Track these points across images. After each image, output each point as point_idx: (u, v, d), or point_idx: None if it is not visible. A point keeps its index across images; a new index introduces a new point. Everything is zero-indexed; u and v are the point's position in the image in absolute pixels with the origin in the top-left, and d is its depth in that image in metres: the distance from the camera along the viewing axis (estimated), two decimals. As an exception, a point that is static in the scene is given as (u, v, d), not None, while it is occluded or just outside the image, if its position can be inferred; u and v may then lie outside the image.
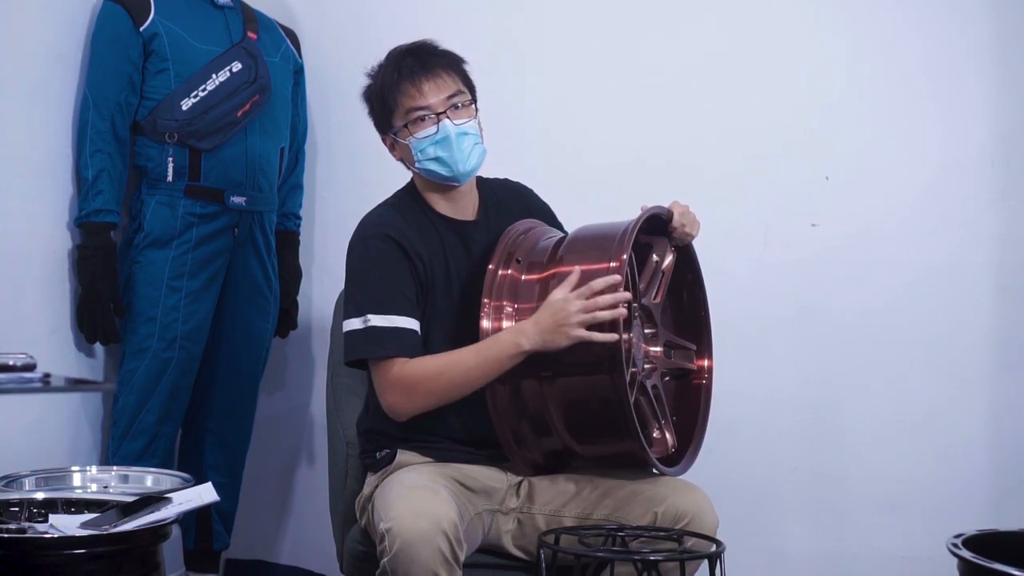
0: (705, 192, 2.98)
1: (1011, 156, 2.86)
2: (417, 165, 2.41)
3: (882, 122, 2.94)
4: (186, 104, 2.96)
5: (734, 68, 3.03)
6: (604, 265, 2.22)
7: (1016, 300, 2.85)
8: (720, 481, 2.44)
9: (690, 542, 2.20)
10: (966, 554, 1.99)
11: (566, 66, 3.15)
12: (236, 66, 3.03)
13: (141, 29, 2.94)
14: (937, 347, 2.89)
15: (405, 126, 2.39)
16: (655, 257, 2.43)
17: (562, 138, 3.14)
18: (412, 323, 2.33)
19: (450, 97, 2.39)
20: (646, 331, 2.46)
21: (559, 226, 2.57)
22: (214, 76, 2.99)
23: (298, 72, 3.29)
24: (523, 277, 2.34)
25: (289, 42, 3.25)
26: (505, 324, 2.31)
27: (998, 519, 2.71)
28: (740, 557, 2.64)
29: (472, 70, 2.46)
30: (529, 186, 2.63)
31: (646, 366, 2.44)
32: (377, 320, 2.31)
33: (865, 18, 2.95)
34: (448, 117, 2.37)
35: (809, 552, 2.99)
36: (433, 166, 2.39)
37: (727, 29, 3.04)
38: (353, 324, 2.33)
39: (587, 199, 2.80)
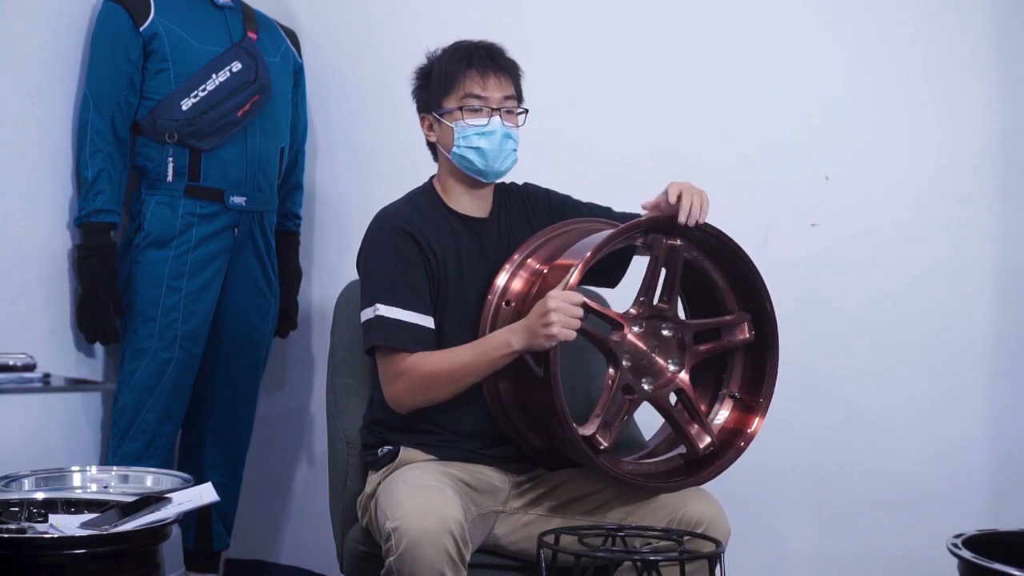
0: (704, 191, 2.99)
1: (1011, 156, 2.86)
2: (455, 149, 2.42)
3: (882, 122, 2.94)
4: (186, 104, 2.96)
5: (734, 68, 3.03)
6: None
7: (1016, 300, 2.85)
8: (720, 481, 2.43)
9: (689, 541, 2.20)
10: (966, 554, 1.99)
11: (568, 67, 3.15)
12: (236, 66, 3.03)
13: (141, 29, 2.93)
14: (936, 347, 2.89)
15: (459, 109, 2.41)
16: (655, 256, 2.34)
17: (563, 138, 3.13)
18: (421, 318, 2.35)
19: (507, 98, 2.44)
20: (664, 332, 2.38)
21: (568, 204, 2.58)
22: (214, 76, 2.99)
23: (298, 72, 3.29)
24: (536, 265, 2.40)
25: (289, 42, 3.25)
26: (515, 283, 2.38)
27: (998, 519, 2.70)
28: (740, 557, 2.64)
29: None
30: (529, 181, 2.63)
31: (660, 384, 2.37)
32: (385, 311, 2.33)
33: (865, 18, 2.95)
34: (500, 116, 2.41)
35: (809, 552, 2.99)
36: (471, 155, 2.41)
37: (727, 29, 3.04)
38: (365, 314, 2.37)
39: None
